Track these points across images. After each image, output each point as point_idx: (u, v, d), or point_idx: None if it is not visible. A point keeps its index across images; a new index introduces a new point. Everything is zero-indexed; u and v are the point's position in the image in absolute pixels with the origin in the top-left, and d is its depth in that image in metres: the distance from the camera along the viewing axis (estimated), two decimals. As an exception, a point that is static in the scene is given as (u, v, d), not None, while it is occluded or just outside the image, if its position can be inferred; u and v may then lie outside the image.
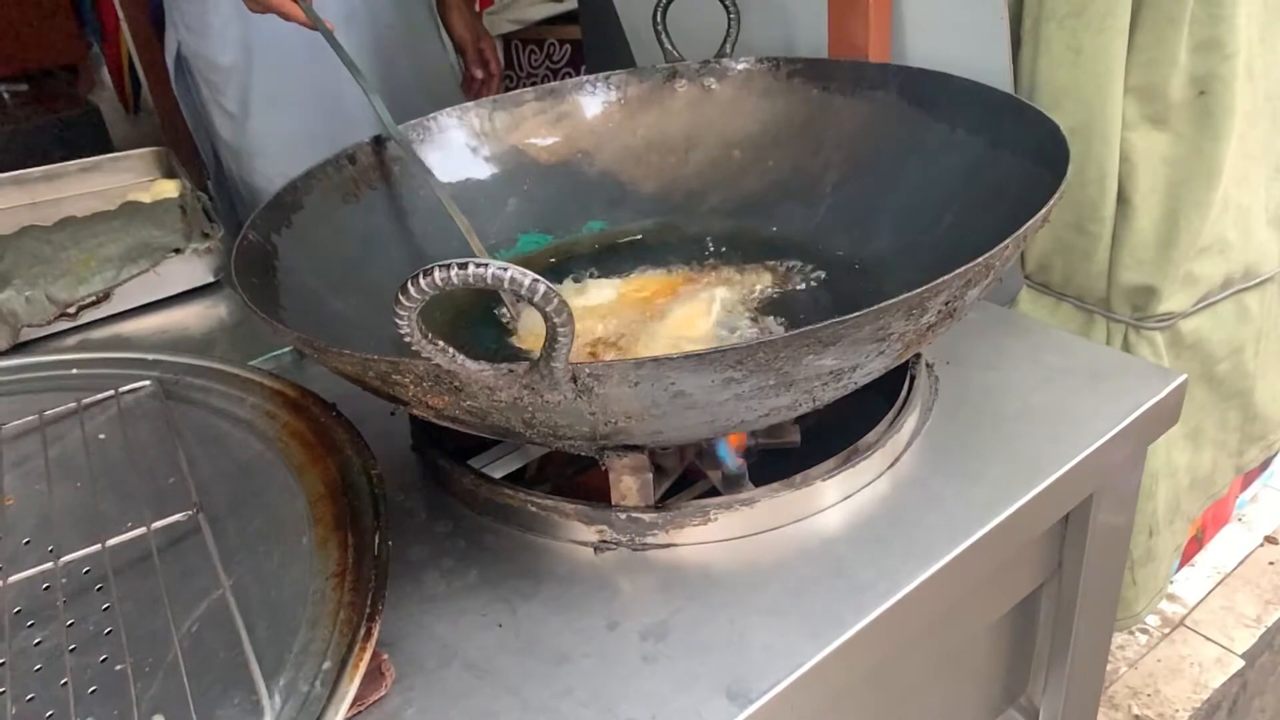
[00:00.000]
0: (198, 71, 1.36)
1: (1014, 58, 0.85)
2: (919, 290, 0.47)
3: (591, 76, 0.87)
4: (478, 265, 0.41)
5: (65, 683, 0.47)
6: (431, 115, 0.83)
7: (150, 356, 0.73)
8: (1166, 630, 1.25)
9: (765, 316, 0.72)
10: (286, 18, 0.90)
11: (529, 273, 0.42)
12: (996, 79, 0.75)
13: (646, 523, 0.58)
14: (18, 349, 0.86)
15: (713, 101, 0.87)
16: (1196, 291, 0.90)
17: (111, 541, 0.54)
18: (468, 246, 0.76)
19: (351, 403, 0.64)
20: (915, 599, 0.55)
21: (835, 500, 0.61)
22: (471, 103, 0.85)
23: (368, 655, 0.46)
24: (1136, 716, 1.16)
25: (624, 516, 0.58)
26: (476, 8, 2.14)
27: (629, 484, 0.58)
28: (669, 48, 0.87)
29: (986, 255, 0.50)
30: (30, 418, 0.65)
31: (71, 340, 0.89)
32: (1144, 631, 1.25)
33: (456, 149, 0.84)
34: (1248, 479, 1.37)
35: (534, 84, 0.87)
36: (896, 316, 0.48)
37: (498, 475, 0.65)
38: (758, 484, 0.60)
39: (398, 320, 0.43)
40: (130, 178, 1.15)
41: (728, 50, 0.86)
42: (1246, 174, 0.87)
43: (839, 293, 0.74)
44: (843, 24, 0.92)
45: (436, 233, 0.76)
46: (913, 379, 0.67)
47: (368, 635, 0.47)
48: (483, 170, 0.85)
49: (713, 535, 0.59)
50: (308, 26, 0.87)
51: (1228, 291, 0.92)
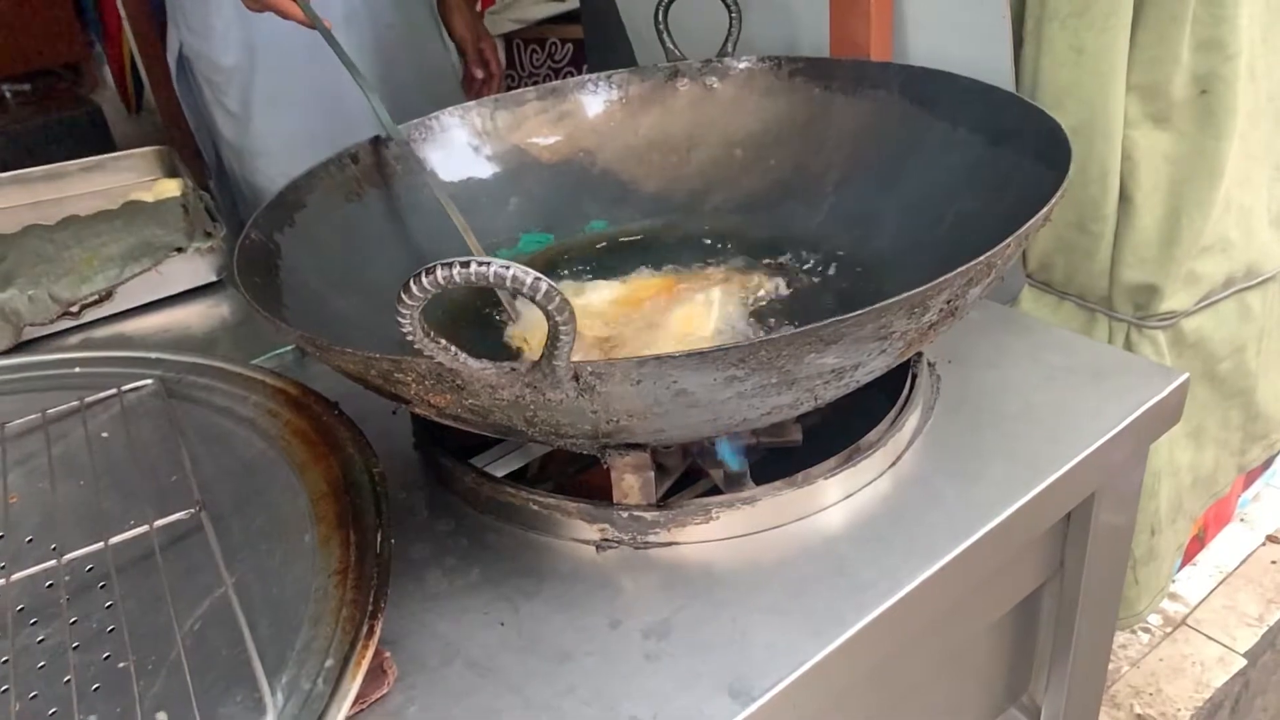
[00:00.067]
0: (200, 72, 1.36)
1: (1016, 57, 0.85)
2: (921, 289, 0.47)
3: (593, 75, 0.87)
4: (480, 264, 0.41)
5: (68, 680, 0.47)
6: (433, 114, 0.83)
7: (153, 355, 0.74)
8: (1168, 629, 1.25)
9: (767, 315, 0.72)
10: (285, 16, 0.90)
11: (530, 271, 0.42)
12: (998, 78, 0.75)
13: (648, 521, 0.58)
14: (21, 348, 0.86)
15: (714, 101, 0.87)
16: (1198, 290, 0.89)
17: (114, 539, 0.54)
18: (479, 244, 0.76)
19: (353, 401, 0.64)
20: (917, 598, 0.55)
21: (837, 499, 0.61)
22: (473, 102, 0.85)
23: (370, 653, 0.46)
24: (1139, 715, 1.16)
25: (626, 515, 0.58)
26: (479, 7, 2.15)
27: (631, 482, 0.58)
28: (670, 47, 0.87)
29: (988, 254, 0.50)
30: (33, 416, 0.66)
31: (74, 339, 0.89)
32: (1146, 630, 1.25)
33: (458, 148, 0.84)
34: (1250, 478, 1.37)
35: (536, 83, 0.87)
36: (898, 315, 0.48)
37: (500, 474, 0.65)
38: (759, 482, 0.60)
39: (400, 318, 0.43)
40: (133, 177, 1.15)
41: (729, 49, 0.86)
42: (1248, 173, 0.87)
43: (841, 291, 0.74)
44: (844, 23, 0.92)
45: (439, 232, 0.76)
46: (914, 378, 0.67)
47: (370, 633, 0.47)
48: (484, 169, 0.85)
49: (715, 534, 0.59)
50: (306, 25, 0.87)
51: (1230, 290, 0.92)
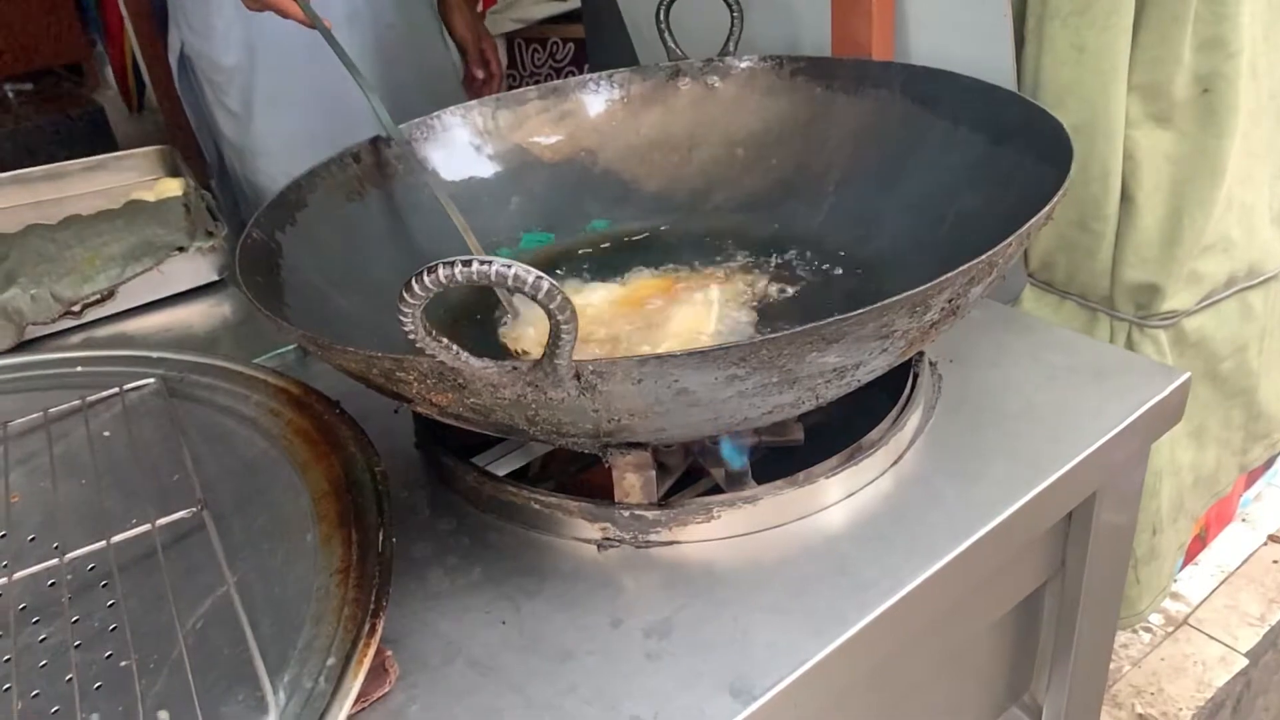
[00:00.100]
0: (201, 71, 1.36)
1: (1017, 56, 0.85)
2: (923, 288, 0.47)
3: (595, 75, 0.87)
4: (481, 262, 0.41)
5: (70, 679, 0.47)
6: (435, 114, 0.83)
7: (154, 354, 0.74)
8: (1170, 629, 1.25)
9: (768, 315, 0.72)
10: (285, 15, 0.90)
11: (532, 270, 0.42)
12: (1000, 77, 0.75)
13: (650, 520, 0.58)
14: (23, 347, 0.87)
15: (716, 100, 0.87)
16: (1200, 290, 0.89)
17: (116, 538, 0.54)
18: (478, 243, 0.76)
19: (355, 400, 0.64)
20: (918, 597, 0.55)
21: (838, 498, 0.61)
22: (475, 101, 0.85)
23: (372, 651, 0.46)
24: (1140, 715, 1.16)
25: (627, 514, 0.58)
26: (480, 7, 2.15)
27: (632, 481, 0.58)
28: (672, 46, 0.87)
29: (990, 253, 0.50)
30: (35, 415, 0.66)
31: (76, 338, 0.89)
32: (1147, 630, 1.25)
33: (460, 147, 0.84)
34: (1251, 477, 1.37)
35: (537, 83, 0.87)
36: (900, 314, 0.48)
37: (501, 473, 0.65)
38: (761, 481, 0.60)
39: (401, 317, 0.43)
40: (134, 176, 1.15)
41: (731, 48, 0.86)
42: (1250, 172, 0.86)
43: (842, 290, 0.74)
44: (846, 22, 0.91)
45: (440, 231, 0.76)
46: (916, 377, 0.67)
47: (372, 631, 0.47)
48: (486, 169, 0.85)
49: (716, 533, 0.59)
50: (306, 25, 0.87)
51: (1231, 290, 0.92)
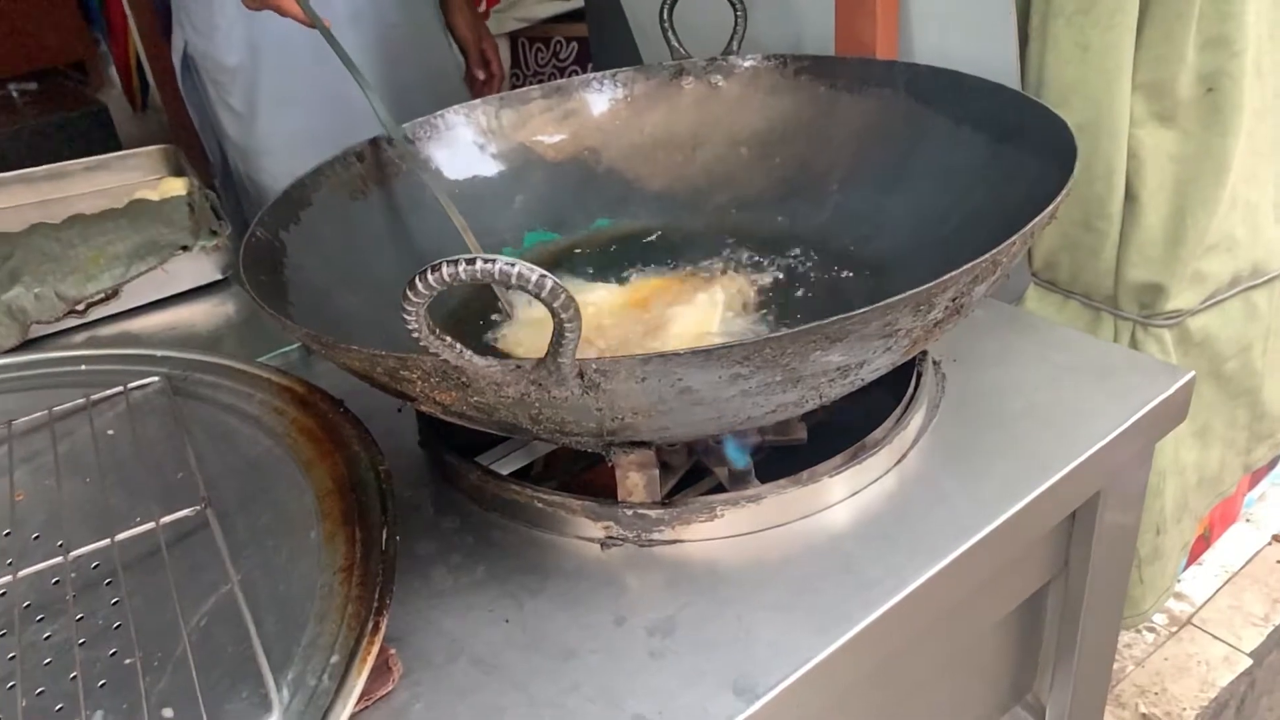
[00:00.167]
0: (204, 71, 1.36)
1: (1021, 55, 0.85)
2: (926, 286, 0.47)
3: (598, 74, 0.87)
4: (485, 261, 0.41)
5: (74, 676, 0.47)
6: (439, 113, 0.83)
7: (158, 353, 0.74)
8: (1174, 629, 1.25)
9: (772, 313, 0.72)
10: (284, 14, 0.90)
11: (535, 268, 0.42)
12: (1004, 76, 0.75)
13: (653, 519, 0.58)
14: (27, 345, 0.87)
15: (720, 99, 0.87)
16: (1204, 289, 0.89)
17: (120, 536, 0.54)
18: (478, 243, 0.76)
19: (359, 399, 0.64)
20: (922, 595, 0.55)
21: (842, 497, 0.61)
22: (478, 100, 0.85)
23: (375, 649, 0.46)
24: (1144, 715, 1.15)
25: (630, 513, 0.58)
26: (484, 6, 2.15)
27: (635, 480, 0.58)
28: (676, 45, 0.87)
29: (994, 251, 0.50)
30: (40, 414, 0.66)
31: (80, 337, 0.89)
32: (1151, 630, 1.25)
33: (463, 146, 0.84)
34: (1255, 477, 1.37)
35: (540, 82, 0.87)
36: (904, 312, 0.48)
37: (505, 471, 0.65)
38: (764, 481, 0.60)
39: (405, 316, 0.43)
40: (138, 176, 1.15)
41: (734, 47, 0.86)
42: (1255, 171, 0.86)
43: (846, 289, 0.74)
44: (850, 21, 0.91)
45: (444, 230, 0.76)
46: (919, 376, 0.67)
47: (375, 629, 0.47)
48: (490, 168, 0.85)
49: (719, 531, 0.59)
50: (305, 24, 0.87)
51: (1236, 289, 0.92)
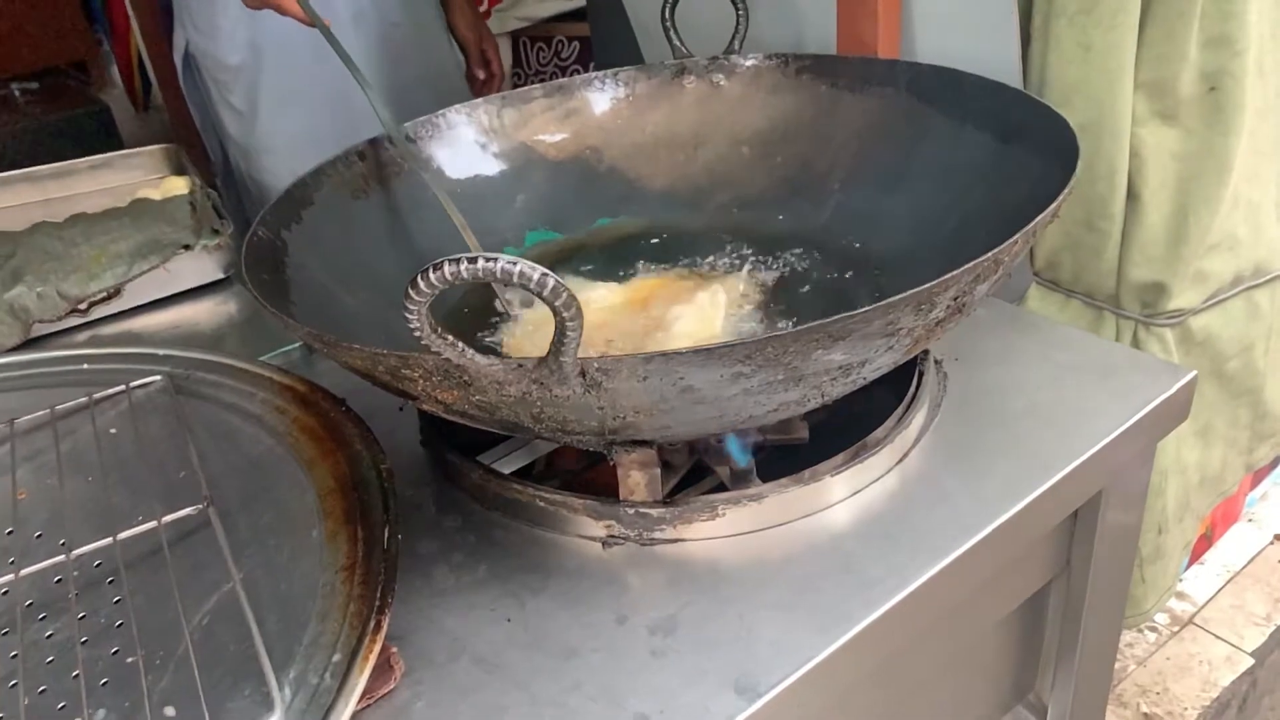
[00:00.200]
0: (206, 70, 1.36)
1: (1023, 54, 0.85)
2: (928, 285, 0.47)
3: (600, 73, 0.87)
4: (487, 259, 0.41)
5: (77, 675, 0.47)
6: (440, 112, 0.83)
7: (160, 352, 0.74)
8: (1176, 628, 1.25)
9: (774, 312, 0.72)
10: (283, 13, 0.90)
11: (537, 267, 0.42)
12: (1006, 75, 0.75)
13: (654, 518, 0.58)
14: (30, 344, 0.87)
15: (721, 98, 0.87)
16: (1206, 288, 0.89)
17: (123, 535, 0.54)
18: (478, 242, 0.76)
19: (361, 398, 0.64)
20: (923, 594, 0.55)
21: (843, 496, 0.61)
22: (480, 99, 0.85)
23: (377, 648, 0.46)
24: (1145, 714, 1.15)
25: (632, 512, 0.58)
26: (485, 6, 2.15)
27: (637, 479, 0.58)
28: (677, 44, 0.87)
29: (995, 250, 0.50)
30: (42, 412, 0.66)
31: (82, 336, 0.90)
32: (1153, 629, 1.25)
33: (465, 145, 0.84)
34: (1257, 477, 1.37)
35: (542, 81, 0.87)
36: (906, 311, 0.48)
37: (506, 470, 0.65)
38: (766, 480, 0.60)
39: (407, 314, 0.43)
40: (140, 175, 1.15)
41: (736, 47, 0.86)
42: (1257, 170, 0.86)
43: (847, 288, 0.74)
44: (852, 20, 0.91)
45: (446, 229, 0.76)
46: (921, 375, 0.67)
47: (377, 628, 0.47)
48: (491, 167, 0.85)
49: (721, 530, 0.59)
50: (305, 23, 0.87)
51: (1238, 288, 0.91)
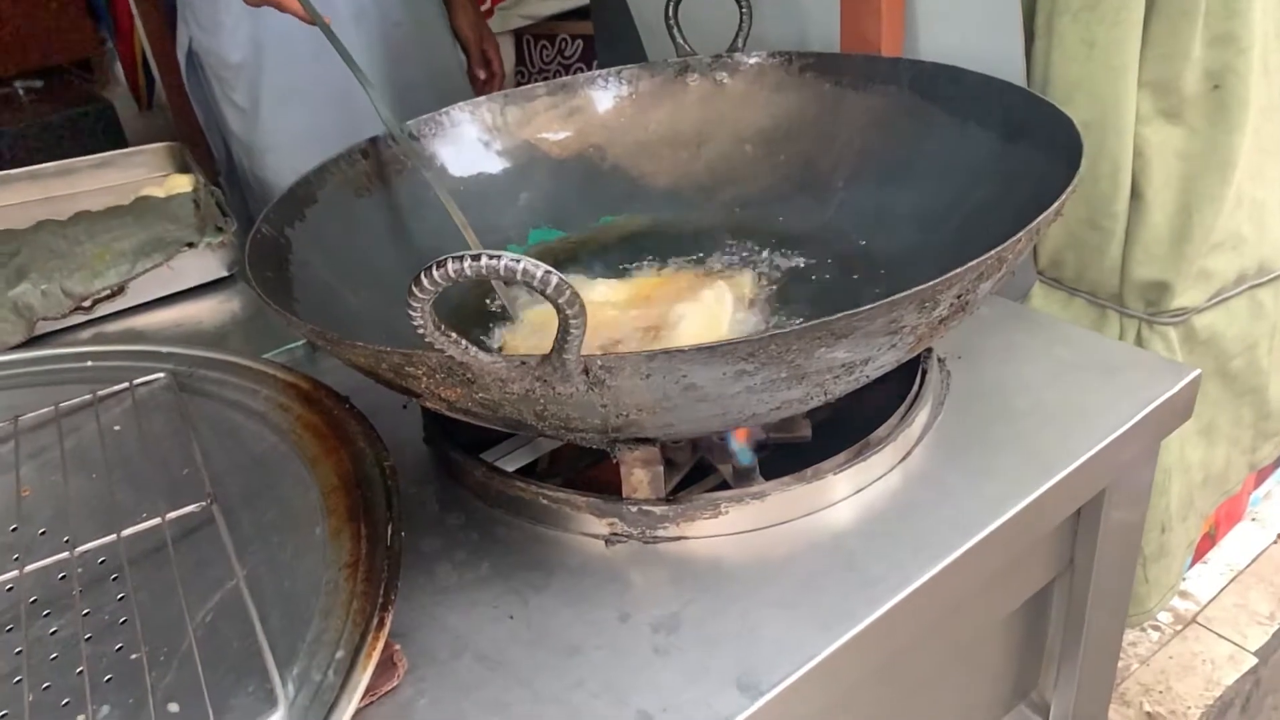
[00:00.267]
0: (209, 68, 1.37)
1: (1027, 52, 0.85)
2: (932, 283, 0.47)
3: (603, 71, 0.87)
4: (490, 257, 0.41)
5: (81, 671, 0.47)
6: (444, 110, 0.83)
7: (164, 349, 0.74)
8: (1179, 627, 1.25)
9: (776, 310, 0.72)
10: (283, 10, 0.90)
11: (540, 264, 0.42)
12: (1009, 73, 0.75)
13: (657, 515, 0.58)
14: (34, 341, 0.87)
15: (724, 96, 0.87)
16: (1210, 287, 0.89)
17: (127, 532, 0.54)
18: (479, 240, 0.76)
19: (364, 396, 0.64)
20: (926, 593, 0.55)
21: (846, 494, 0.61)
22: (484, 97, 0.85)
23: (380, 645, 0.46)
24: (1148, 713, 1.15)
25: (635, 509, 0.58)
26: (489, 4, 2.15)
27: (640, 477, 0.58)
28: (681, 42, 0.87)
29: (999, 248, 0.50)
30: (46, 409, 0.66)
31: (86, 333, 0.90)
32: (1156, 628, 1.25)
33: (468, 143, 0.84)
34: (1261, 476, 1.37)
35: (546, 79, 0.87)
36: (909, 309, 0.48)
37: (510, 468, 0.65)
38: (769, 478, 0.60)
39: (411, 312, 0.43)
40: (144, 173, 1.15)
41: (740, 45, 0.86)
42: (1261, 168, 0.86)
43: (851, 286, 0.74)
44: (855, 18, 0.91)
45: (449, 227, 0.76)
46: (924, 373, 0.67)
47: (380, 625, 0.47)
48: (494, 165, 0.85)
49: (724, 528, 0.59)
50: (305, 20, 0.87)
51: (1242, 287, 0.91)
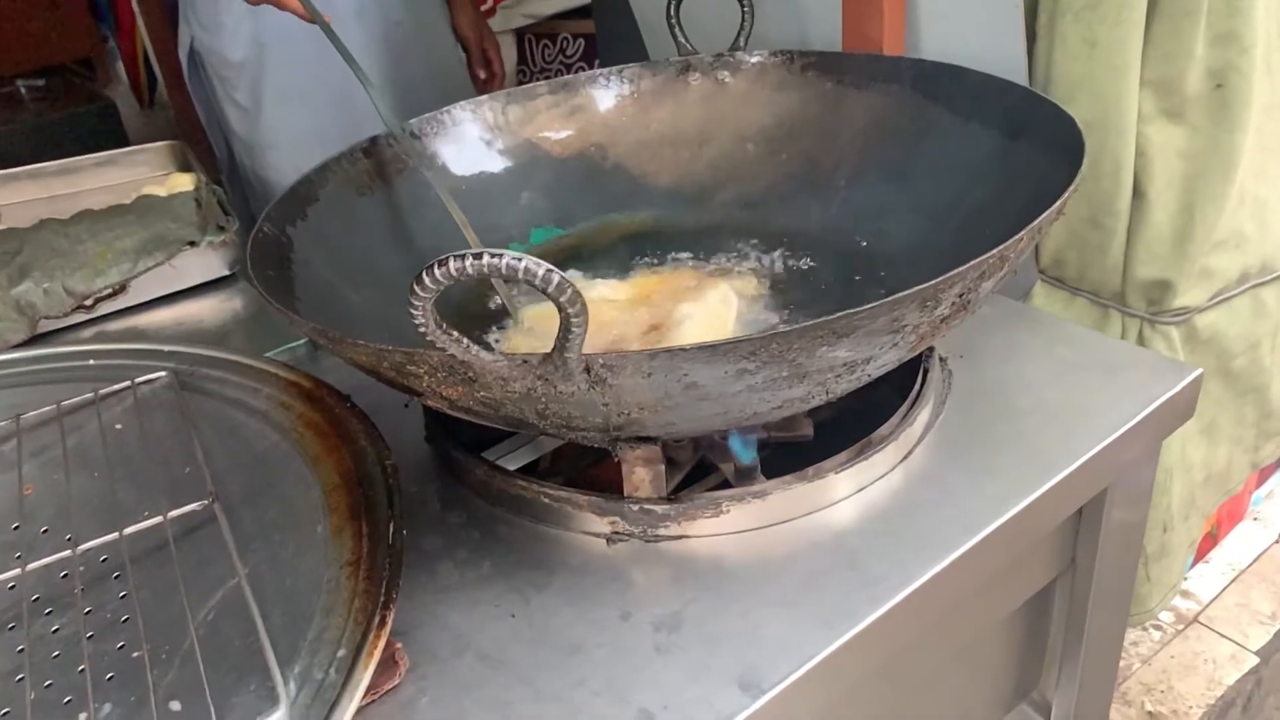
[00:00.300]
0: (210, 67, 1.37)
1: (1029, 51, 0.85)
2: (933, 282, 0.47)
3: (605, 70, 0.87)
4: (492, 255, 0.41)
5: (83, 669, 0.47)
6: (445, 109, 0.83)
7: (166, 348, 0.74)
8: (1180, 626, 1.25)
9: (779, 309, 0.72)
10: (283, 8, 0.90)
11: (542, 263, 0.42)
12: (1011, 72, 0.75)
13: (659, 514, 0.58)
14: (36, 340, 0.87)
15: (726, 95, 0.86)
16: (1212, 286, 0.89)
17: (129, 530, 0.54)
18: (481, 239, 0.76)
19: (366, 394, 0.64)
20: (928, 592, 0.55)
21: (848, 493, 0.61)
22: (485, 96, 0.85)
23: (382, 643, 0.46)
24: (1150, 713, 1.15)
25: (636, 508, 0.58)
26: (489, 4, 2.15)
27: (641, 476, 0.58)
28: (682, 41, 0.87)
29: (1001, 247, 0.50)
30: (48, 408, 0.66)
31: (88, 332, 0.90)
32: (1158, 628, 1.25)
33: (470, 142, 0.84)
34: (1263, 475, 1.37)
35: (547, 78, 0.87)
36: (911, 308, 0.48)
37: (511, 467, 0.65)
38: (770, 477, 0.60)
39: (412, 310, 0.43)
40: (146, 171, 1.15)
41: (741, 43, 0.86)
42: (1263, 167, 0.86)
43: (853, 285, 0.73)
44: (857, 17, 0.91)
45: (451, 225, 0.76)
46: (926, 372, 0.67)
47: (382, 623, 0.47)
48: (496, 164, 0.85)
49: (725, 527, 0.59)
50: (305, 19, 0.87)
51: (1244, 286, 0.91)
